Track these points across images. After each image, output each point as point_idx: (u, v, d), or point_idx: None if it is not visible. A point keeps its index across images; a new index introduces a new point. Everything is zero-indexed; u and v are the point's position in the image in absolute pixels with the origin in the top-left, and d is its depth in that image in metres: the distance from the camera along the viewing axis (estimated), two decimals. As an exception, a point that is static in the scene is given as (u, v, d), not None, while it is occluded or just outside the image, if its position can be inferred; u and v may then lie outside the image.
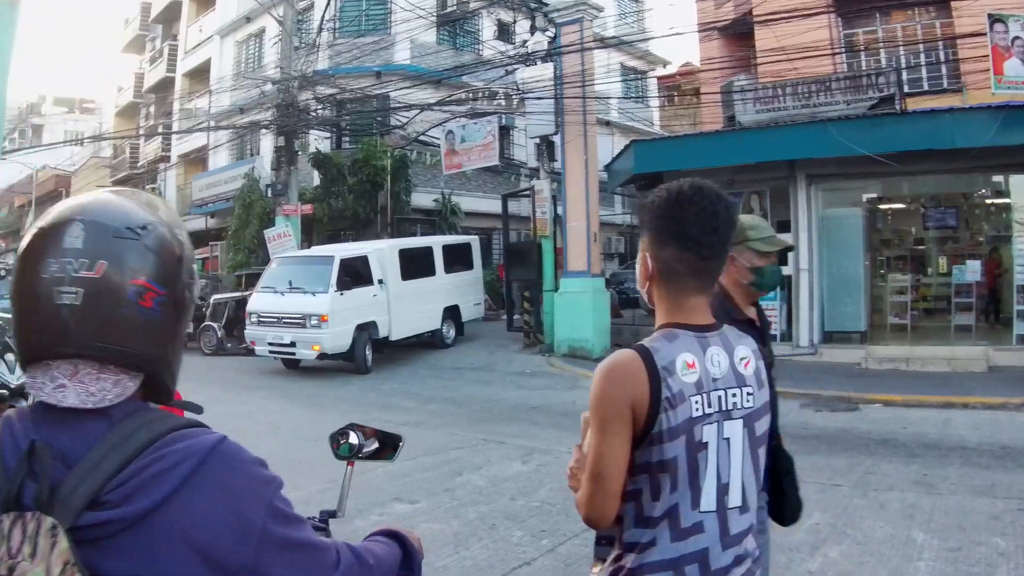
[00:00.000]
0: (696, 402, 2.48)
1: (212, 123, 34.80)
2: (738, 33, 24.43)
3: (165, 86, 44.23)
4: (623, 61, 36.65)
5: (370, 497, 8.71)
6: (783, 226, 18.46)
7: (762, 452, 2.63)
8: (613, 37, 29.74)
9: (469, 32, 33.30)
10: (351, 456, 3.30)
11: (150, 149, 46.03)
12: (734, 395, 2.55)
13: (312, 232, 27.09)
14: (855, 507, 8.18)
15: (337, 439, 3.23)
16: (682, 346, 2.52)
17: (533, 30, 21.38)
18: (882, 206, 19.94)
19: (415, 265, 20.85)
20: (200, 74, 40.25)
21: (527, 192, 23.34)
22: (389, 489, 9.07)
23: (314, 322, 18.12)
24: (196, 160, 40.68)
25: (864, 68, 20.82)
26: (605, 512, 2.54)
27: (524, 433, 12.43)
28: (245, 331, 19.84)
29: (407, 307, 20.14)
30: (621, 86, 36.34)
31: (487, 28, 31.46)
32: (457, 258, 22.67)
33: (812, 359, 17.57)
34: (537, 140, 21.75)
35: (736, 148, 18.05)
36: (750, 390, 2.58)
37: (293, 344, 18.59)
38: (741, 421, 2.56)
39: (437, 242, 22.49)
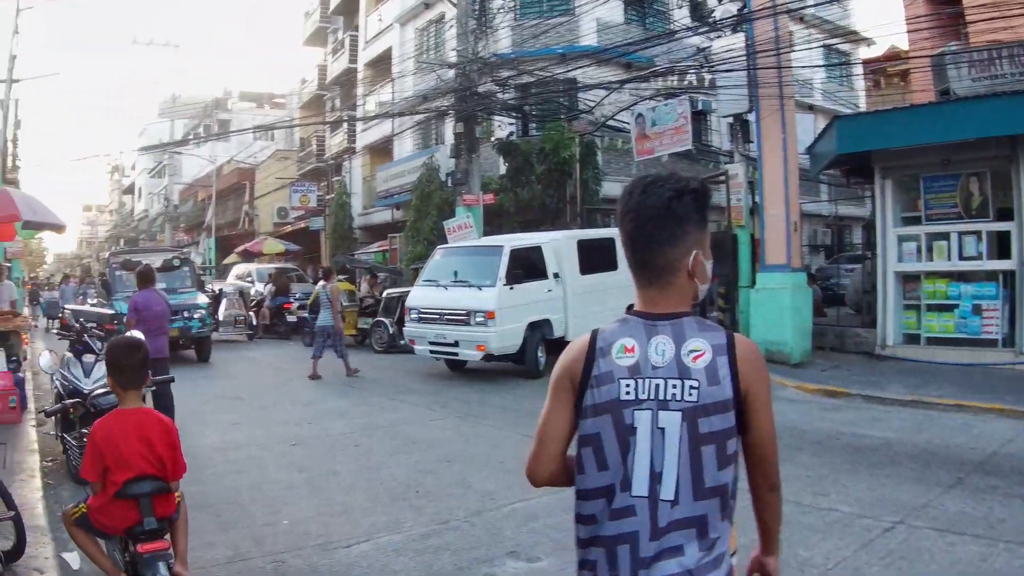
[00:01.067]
0: (627, 385, 2.72)
1: (394, 112, 35.00)
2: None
3: (348, 77, 45.50)
4: (826, 42, 35.41)
5: (479, 549, 7.53)
6: (1004, 214, 17.15)
7: (709, 452, 2.67)
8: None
9: (658, 11, 32.58)
10: None
11: (335, 141, 47.03)
12: (674, 386, 2.68)
13: (501, 224, 26.74)
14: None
15: None
16: (627, 331, 2.80)
17: (721, -1, 20.52)
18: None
19: (595, 258, 19.70)
20: (382, 63, 41.42)
21: (721, 177, 22.39)
22: (509, 538, 7.79)
23: (480, 319, 17.38)
24: (382, 151, 41.93)
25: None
26: (539, 471, 2.97)
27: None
28: (404, 328, 19.51)
29: (585, 304, 18.96)
30: (823, 68, 35.24)
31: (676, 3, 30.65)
32: None
33: (1040, 370, 16.20)
34: (730, 119, 20.90)
35: (950, 122, 16.67)
36: (694, 384, 2.67)
37: (456, 343, 17.91)
38: (680, 414, 2.67)
39: (619, 233, 21.35)
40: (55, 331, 15.17)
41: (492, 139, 29.26)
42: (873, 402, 14.23)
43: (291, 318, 28.81)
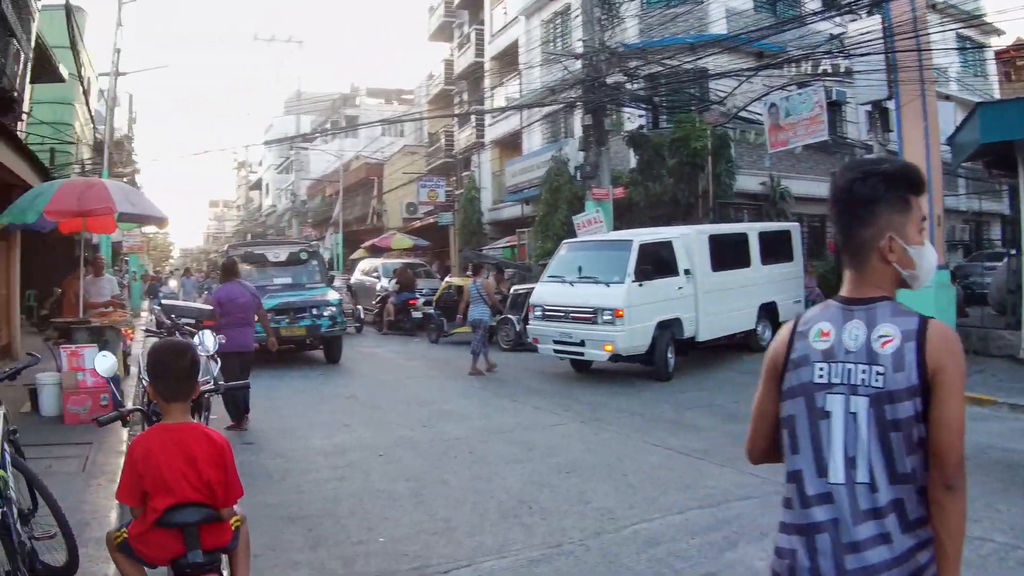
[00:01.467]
0: (820, 369, 2.87)
1: (522, 105, 35.00)
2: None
3: (475, 71, 45.85)
4: (954, 27, 34.51)
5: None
6: None
7: (898, 438, 2.72)
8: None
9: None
10: None
11: (464, 136, 47.72)
12: (863, 371, 2.79)
13: (631, 218, 26.47)
14: None
15: None
16: (825, 315, 2.95)
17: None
18: None
19: (727, 254, 19.40)
20: (508, 56, 41.77)
21: (859, 169, 21.80)
22: (626, 566, 7.05)
23: (607, 317, 16.79)
24: (511, 145, 42.25)
25: None
26: (752, 450, 3.23)
27: (840, 476, 9.72)
28: (528, 326, 19.12)
29: (717, 303, 18.64)
30: (957, 57, 34.31)
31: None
32: (776, 248, 21.21)
33: None
34: (868, 107, 20.25)
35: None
36: (880, 370, 2.76)
37: (582, 343, 17.36)
38: (867, 399, 2.77)
39: (753, 229, 21.13)
40: (143, 328, 14.83)
41: (622, 132, 29.01)
42: (1020, 412, 13.35)
43: (416, 314, 28.84)
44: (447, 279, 30.45)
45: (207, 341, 9.97)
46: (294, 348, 21.81)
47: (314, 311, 21.00)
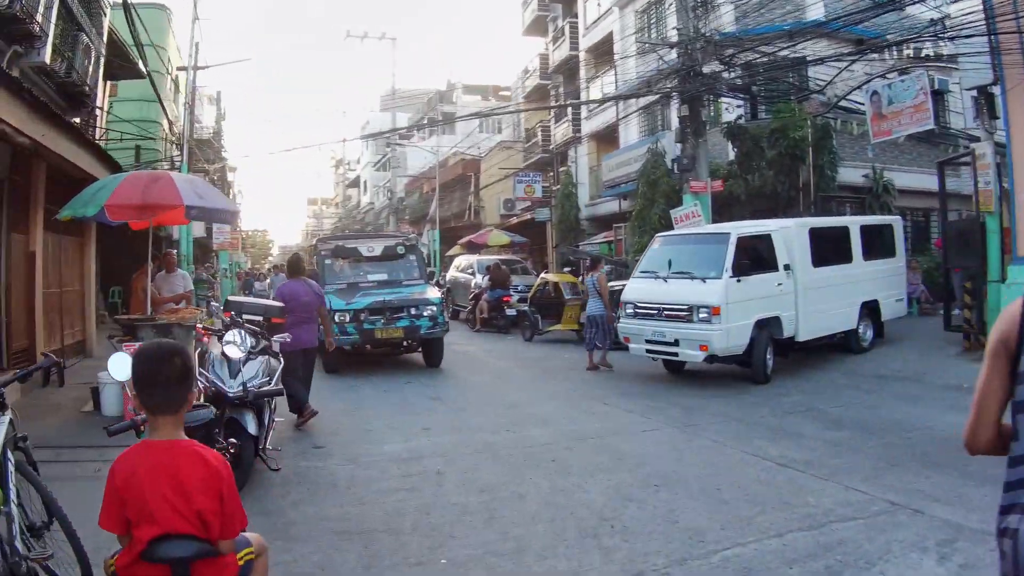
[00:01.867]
0: None
1: (618, 97, 34.60)
2: None
3: (570, 64, 46.04)
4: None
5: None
6: None
7: None
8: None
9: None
10: None
11: (560, 130, 47.80)
12: None
13: (731, 212, 25.97)
14: None
15: None
16: None
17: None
18: None
19: (828, 249, 18.41)
20: (603, 48, 41.69)
21: (966, 158, 20.91)
22: None
23: (703, 315, 15.85)
24: (607, 139, 42.02)
25: None
26: (974, 439, 3.07)
27: (953, 492, 8.43)
28: (618, 324, 18.23)
29: (818, 300, 17.60)
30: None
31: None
32: (877, 242, 20.29)
33: None
34: (974, 93, 19.41)
35: None
36: None
37: (676, 343, 16.39)
38: None
39: (854, 222, 20.08)
40: (202, 326, 14.41)
41: (720, 123, 28.43)
42: None
43: (510, 311, 28.50)
44: (542, 275, 30.00)
45: (246, 340, 9.91)
46: (389, 351, 21.08)
47: (412, 311, 19.51)
